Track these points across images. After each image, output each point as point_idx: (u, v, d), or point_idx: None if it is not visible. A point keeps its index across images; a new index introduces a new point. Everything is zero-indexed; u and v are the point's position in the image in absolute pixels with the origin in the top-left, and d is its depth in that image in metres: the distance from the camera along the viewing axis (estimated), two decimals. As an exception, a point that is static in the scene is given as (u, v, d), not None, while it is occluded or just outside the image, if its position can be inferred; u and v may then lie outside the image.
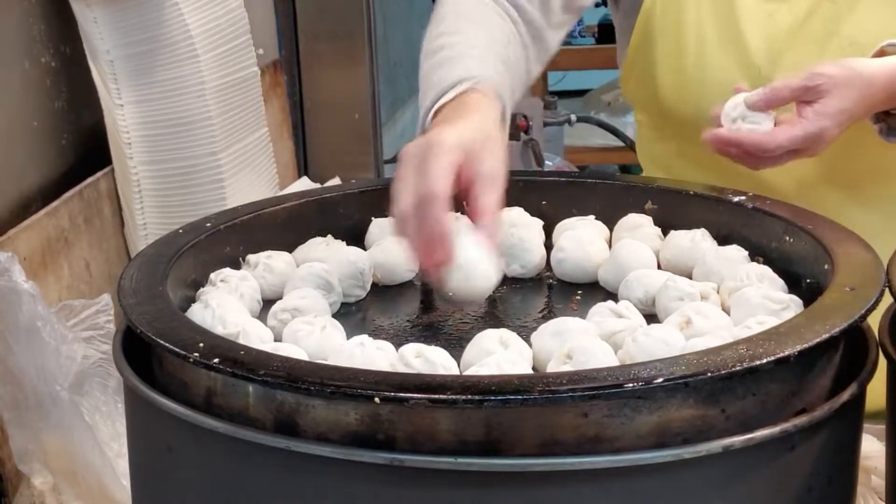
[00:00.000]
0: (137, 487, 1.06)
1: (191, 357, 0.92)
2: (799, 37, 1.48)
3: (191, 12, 1.73)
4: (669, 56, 1.54)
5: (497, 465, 0.86)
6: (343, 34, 2.52)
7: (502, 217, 1.15)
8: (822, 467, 0.94)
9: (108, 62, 1.66)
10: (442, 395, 0.84)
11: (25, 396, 1.31)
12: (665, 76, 1.55)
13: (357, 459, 0.87)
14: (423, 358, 0.96)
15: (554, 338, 1.02)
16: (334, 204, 1.33)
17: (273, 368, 0.89)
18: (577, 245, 1.25)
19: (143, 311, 1.00)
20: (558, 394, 0.84)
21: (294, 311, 1.10)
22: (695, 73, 1.52)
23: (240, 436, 0.90)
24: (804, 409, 0.93)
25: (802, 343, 0.90)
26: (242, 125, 1.88)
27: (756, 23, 1.49)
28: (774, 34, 1.49)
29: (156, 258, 1.13)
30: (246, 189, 1.86)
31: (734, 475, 0.89)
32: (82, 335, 1.39)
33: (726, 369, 0.86)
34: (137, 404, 1.00)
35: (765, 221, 1.21)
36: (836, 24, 1.46)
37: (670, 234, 1.26)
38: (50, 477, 1.33)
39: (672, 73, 1.54)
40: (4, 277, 1.29)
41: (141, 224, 1.74)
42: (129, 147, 1.70)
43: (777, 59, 1.48)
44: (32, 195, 1.58)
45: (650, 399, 0.87)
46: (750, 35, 1.49)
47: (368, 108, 2.55)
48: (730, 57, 1.50)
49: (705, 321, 1.03)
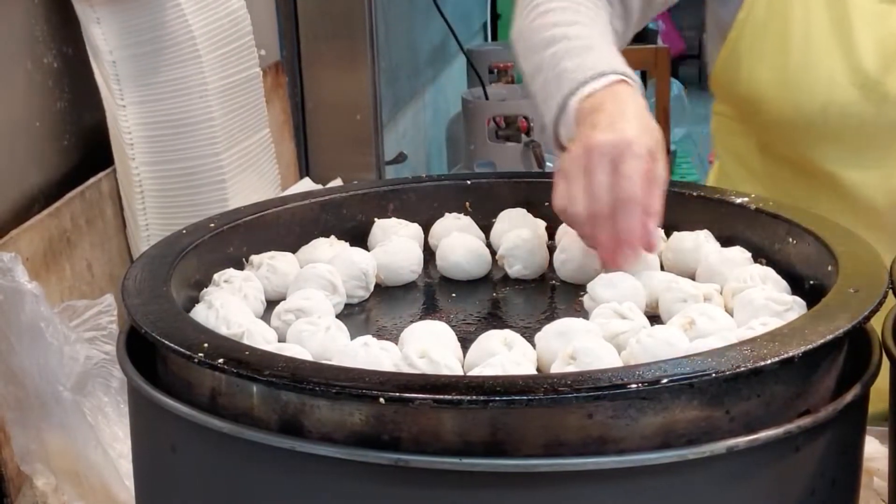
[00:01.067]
0: (141, 488, 1.06)
1: (196, 357, 0.92)
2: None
3: (193, 13, 1.73)
4: (772, 51, 1.48)
5: (502, 466, 0.86)
6: (344, 35, 2.52)
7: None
8: (826, 469, 0.94)
9: (110, 63, 1.66)
10: (447, 395, 0.84)
11: (28, 396, 1.31)
12: (765, 72, 1.49)
13: (362, 460, 0.87)
14: (427, 358, 0.96)
15: (558, 339, 1.02)
16: (337, 205, 1.33)
17: (278, 369, 0.89)
18: (580, 247, 1.25)
19: (147, 311, 1.00)
20: (563, 394, 0.84)
21: (298, 311, 1.10)
22: (797, 73, 1.46)
23: (244, 436, 0.91)
24: (808, 411, 0.93)
25: (807, 344, 0.90)
26: (244, 126, 1.88)
27: (869, 24, 1.43)
28: (887, 39, 1.43)
29: (159, 258, 1.13)
30: (248, 190, 1.86)
31: (738, 476, 0.89)
32: (85, 336, 1.39)
33: (731, 370, 0.87)
34: (141, 404, 1.00)
35: (768, 223, 1.21)
36: None
37: (673, 236, 1.26)
38: (52, 477, 1.33)
39: (773, 69, 1.48)
40: (7, 278, 1.29)
41: (143, 225, 1.74)
42: (131, 148, 1.70)
43: (890, 65, 1.43)
44: (34, 196, 1.58)
45: (655, 400, 0.87)
46: (861, 36, 1.43)
47: (370, 109, 2.55)
48: (838, 58, 1.44)
49: (709, 322, 1.03)
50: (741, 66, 1.52)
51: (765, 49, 1.49)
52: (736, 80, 1.54)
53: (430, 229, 1.33)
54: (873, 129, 1.45)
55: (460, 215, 1.34)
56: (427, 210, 1.35)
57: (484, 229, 1.33)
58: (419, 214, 1.35)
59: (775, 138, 1.36)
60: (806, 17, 1.46)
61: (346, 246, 1.27)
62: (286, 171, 2.30)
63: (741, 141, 1.63)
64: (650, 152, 1.12)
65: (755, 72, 1.50)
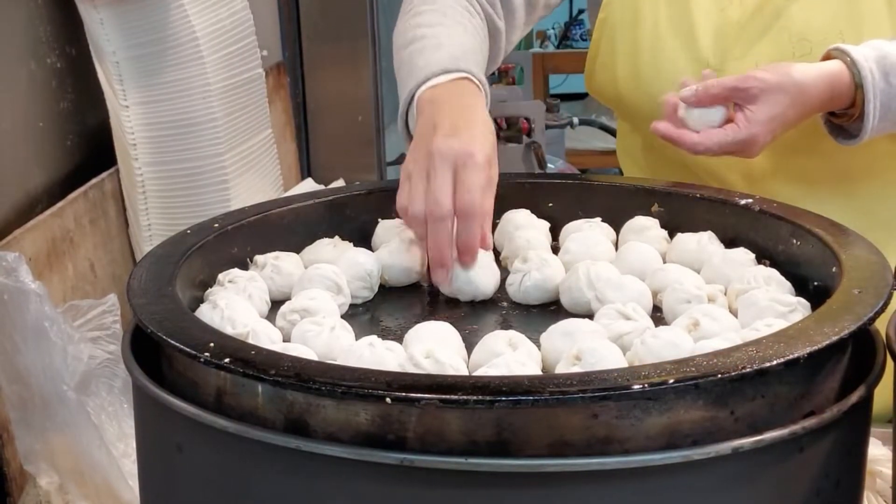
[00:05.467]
0: (146, 487, 1.06)
1: (202, 357, 0.92)
2: (748, 31, 1.48)
3: (196, 14, 1.73)
4: (626, 49, 1.55)
5: (507, 466, 0.86)
6: (346, 36, 2.52)
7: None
8: (831, 470, 0.94)
9: (113, 63, 1.66)
10: (453, 395, 0.84)
11: (32, 396, 1.31)
12: (623, 69, 1.55)
13: (367, 459, 0.87)
14: (433, 359, 0.96)
15: (563, 339, 1.02)
16: (341, 205, 1.34)
17: (284, 368, 0.89)
18: (584, 247, 1.25)
19: (153, 311, 1.01)
20: (569, 395, 0.84)
21: (303, 311, 1.10)
22: (649, 67, 1.53)
23: (250, 435, 0.91)
24: (813, 412, 0.93)
25: (811, 345, 0.90)
26: (247, 127, 1.88)
27: (708, 17, 1.50)
28: (724, 29, 1.49)
29: (164, 258, 1.13)
30: (250, 191, 1.86)
31: (743, 477, 0.90)
32: (89, 335, 1.39)
33: (736, 371, 0.87)
34: (147, 404, 1.01)
35: (772, 224, 1.22)
36: (783, 19, 1.46)
37: (677, 237, 1.26)
38: (56, 477, 1.33)
39: (629, 65, 1.55)
40: (12, 277, 1.29)
41: (145, 225, 1.74)
42: (133, 148, 1.70)
43: (725, 55, 1.49)
44: (38, 196, 1.58)
45: (660, 400, 0.87)
46: (701, 29, 1.50)
47: (371, 110, 2.55)
48: (682, 51, 1.50)
49: (713, 323, 1.04)
50: (603, 65, 1.58)
51: (619, 48, 1.55)
52: (601, 79, 1.60)
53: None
54: None
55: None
56: (431, 211, 1.35)
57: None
58: (422, 215, 1.35)
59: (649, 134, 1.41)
60: (654, 14, 1.52)
61: (350, 246, 1.27)
62: (288, 171, 2.30)
63: (630, 141, 1.69)
64: (488, 160, 1.18)
65: (614, 70, 1.56)
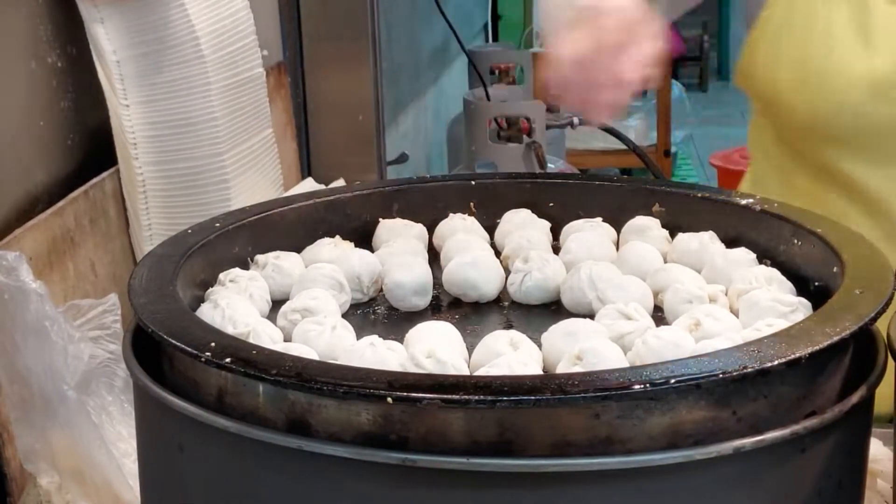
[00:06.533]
0: (147, 487, 1.06)
1: (203, 356, 0.92)
2: None
3: (197, 13, 1.73)
4: (791, 52, 1.48)
5: (509, 466, 0.86)
6: (347, 36, 2.52)
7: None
8: (833, 470, 0.94)
9: (114, 63, 1.66)
10: (455, 395, 0.84)
11: (32, 395, 1.31)
12: (783, 72, 1.49)
13: (369, 459, 0.87)
14: (434, 358, 0.96)
15: (564, 339, 1.02)
16: (342, 205, 1.34)
17: (285, 368, 0.89)
18: (585, 247, 1.25)
19: (154, 311, 1.01)
20: (571, 395, 0.84)
21: (304, 311, 1.10)
22: (816, 75, 1.45)
23: (251, 435, 0.91)
24: (814, 412, 0.93)
25: (813, 345, 0.90)
26: (247, 126, 1.88)
27: (887, 26, 1.41)
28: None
29: (165, 258, 1.13)
30: (251, 190, 1.86)
31: (745, 477, 0.90)
32: (89, 335, 1.39)
33: (738, 371, 0.87)
34: (148, 404, 1.01)
35: (773, 224, 1.22)
36: None
37: (678, 237, 1.26)
38: (56, 476, 1.33)
39: (791, 69, 1.48)
40: (12, 277, 1.29)
41: (146, 224, 1.74)
42: (134, 147, 1.70)
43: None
44: (38, 195, 1.58)
45: (662, 401, 0.87)
46: (880, 38, 1.41)
47: (372, 109, 2.55)
48: (855, 60, 1.42)
49: (715, 323, 1.04)
50: (761, 63, 1.52)
51: (784, 49, 1.49)
52: (754, 76, 1.54)
53: (434, 229, 1.33)
54: (888, 130, 1.45)
55: (465, 216, 1.34)
56: (432, 210, 1.35)
57: (488, 230, 1.33)
58: (424, 215, 1.35)
59: (792, 133, 1.36)
60: (828, 19, 1.45)
61: (351, 246, 1.27)
62: (288, 171, 2.30)
63: (767, 136, 1.63)
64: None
65: (773, 71, 1.50)
